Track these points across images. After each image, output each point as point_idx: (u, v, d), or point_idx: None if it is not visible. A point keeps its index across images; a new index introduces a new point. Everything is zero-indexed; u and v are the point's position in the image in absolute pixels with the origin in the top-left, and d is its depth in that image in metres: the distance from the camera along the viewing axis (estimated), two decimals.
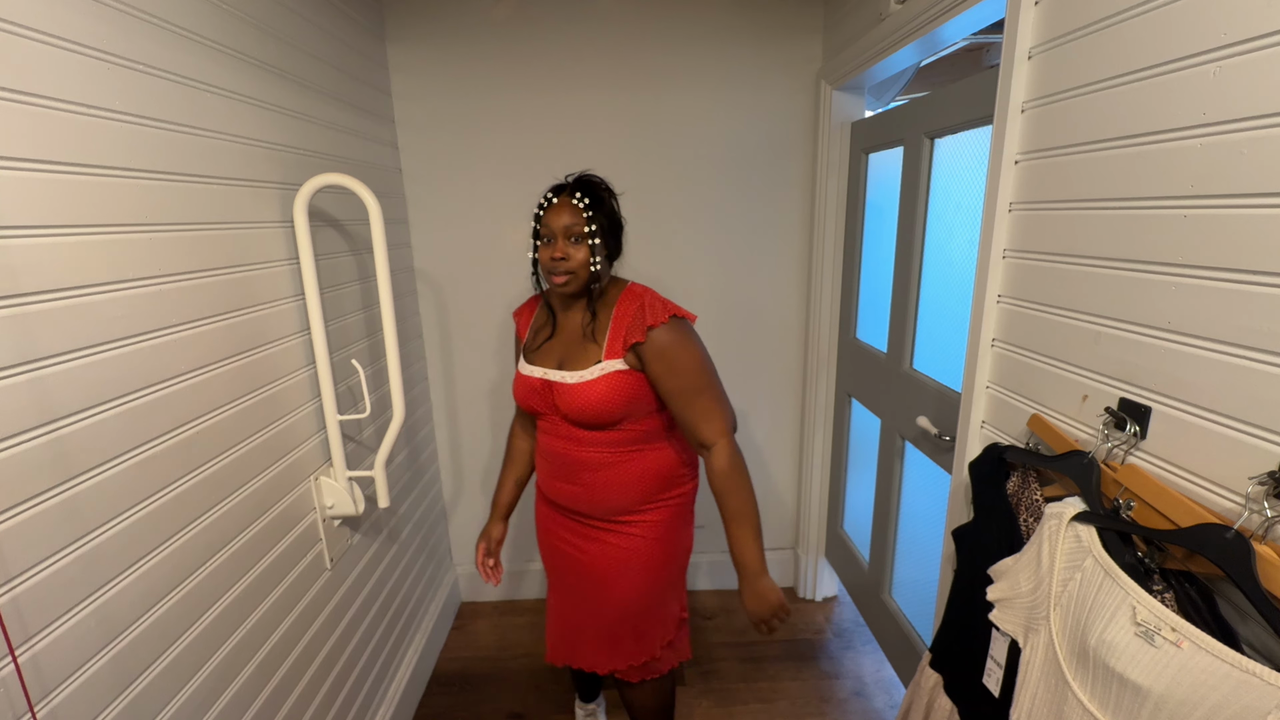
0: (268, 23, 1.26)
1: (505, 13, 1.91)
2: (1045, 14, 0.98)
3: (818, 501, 2.30)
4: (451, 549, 2.40)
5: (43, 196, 0.76)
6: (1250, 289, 0.68)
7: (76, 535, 0.79)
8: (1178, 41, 0.75)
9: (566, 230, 1.18)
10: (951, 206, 1.49)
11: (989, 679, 0.97)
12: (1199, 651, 0.64)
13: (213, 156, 1.07)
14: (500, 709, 1.90)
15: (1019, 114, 1.05)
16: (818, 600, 2.37)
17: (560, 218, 1.19)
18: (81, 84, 0.81)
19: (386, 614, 1.75)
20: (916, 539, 1.73)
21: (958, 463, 1.24)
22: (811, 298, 2.14)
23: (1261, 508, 0.66)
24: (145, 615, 0.89)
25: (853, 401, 2.07)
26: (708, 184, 2.05)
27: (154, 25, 0.95)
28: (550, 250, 1.20)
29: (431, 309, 2.14)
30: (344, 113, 1.60)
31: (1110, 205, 0.87)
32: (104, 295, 0.84)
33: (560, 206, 1.19)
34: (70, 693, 0.77)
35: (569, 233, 1.19)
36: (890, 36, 1.51)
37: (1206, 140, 0.72)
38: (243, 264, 1.14)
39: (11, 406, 0.71)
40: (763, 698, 1.91)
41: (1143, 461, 0.83)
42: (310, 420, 1.35)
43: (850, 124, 1.93)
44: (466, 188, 2.04)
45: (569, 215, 1.18)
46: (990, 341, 1.15)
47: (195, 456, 1.00)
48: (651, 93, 1.99)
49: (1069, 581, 0.81)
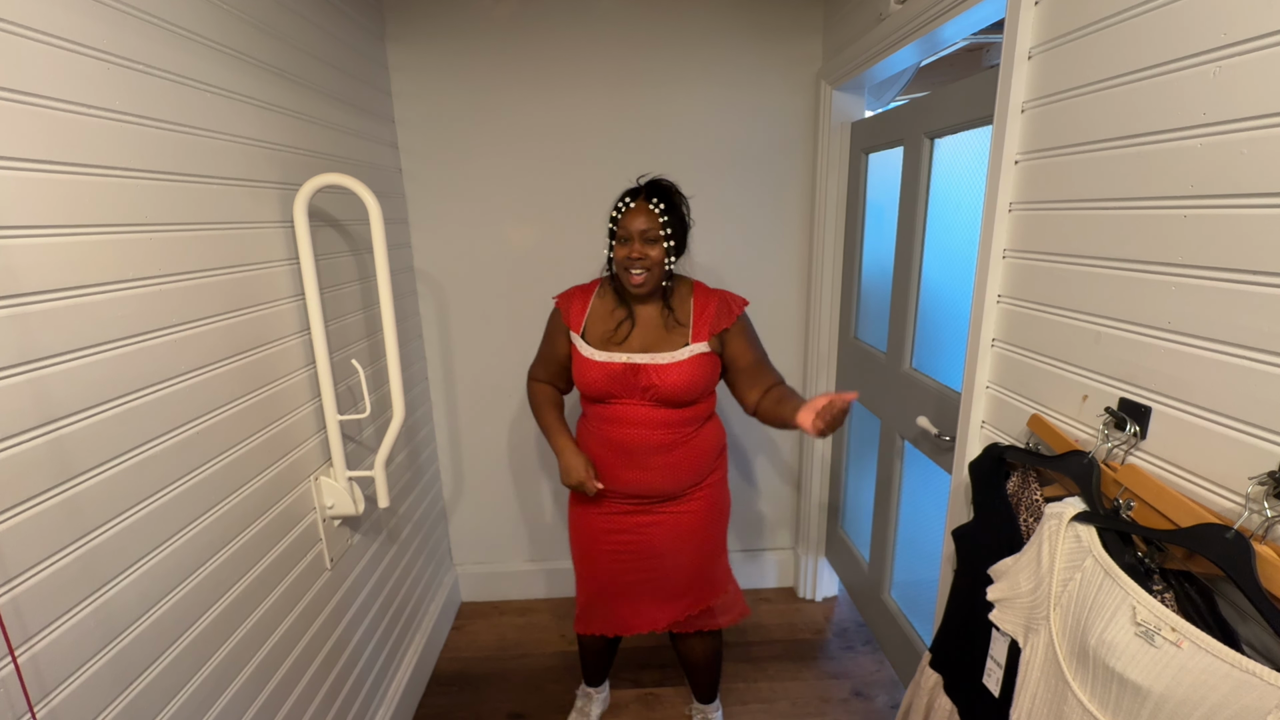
0: (268, 23, 1.26)
1: (505, 13, 1.91)
2: (1045, 14, 0.98)
3: (818, 501, 2.30)
4: (451, 549, 2.40)
5: (43, 196, 0.76)
6: (1250, 289, 0.68)
7: (76, 535, 0.79)
8: (1178, 41, 0.75)
9: (643, 233, 1.30)
10: (951, 206, 1.49)
11: (989, 679, 0.97)
12: (1199, 651, 0.64)
13: (213, 156, 1.07)
14: (500, 709, 1.90)
15: (1019, 114, 1.05)
16: (818, 600, 2.37)
17: (637, 221, 1.30)
18: (81, 84, 0.81)
19: (386, 614, 1.75)
20: (916, 539, 1.73)
21: (958, 463, 1.24)
22: (811, 298, 2.14)
23: (1261, 508, 0.66)
24: (145, 615, 0.89)
25: (853, 401, 2.07)
26: (708, 184, 2.05)
27: (154, 25, 0.94)
28: (627, 250, 1.32)
29: (431, 309, 2.14)
30: (344, 113, 1.60)
31: (1110, 205, 0.87)
32: (104, 295, 0.84)
33: (637, 210, 1.30)
34: (70, 693, 0.77)
35: (645, 235, 1.30)
36: (890, 36, 1.51)
37: (1206, 140, 0.72)
38: (243, 264, 1.14)
39: (11, 406, 0.71)
40: (763, 698, 1.91)
41: (1143, 461, 0.83)
42: (310, 420, 1.35)
43: (850, 124, 1.93)
44: (466, 188, 2.04)
45: (645, 219, 1.30)
46: (990, 341, 1.15)
47: (195, 456, 1.00)
48: (651, 92, 1.99)
49: (1069, 581, 0.81)
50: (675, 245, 1.33)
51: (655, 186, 1.34)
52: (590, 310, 1.43)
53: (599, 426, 1.43)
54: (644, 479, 1.41)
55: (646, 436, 1.38)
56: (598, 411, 1.43)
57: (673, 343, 1.37)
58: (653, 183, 1.35)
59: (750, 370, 1.42)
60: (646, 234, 1.30)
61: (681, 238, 1.36)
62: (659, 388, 1.34)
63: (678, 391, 1.34)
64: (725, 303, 1.40)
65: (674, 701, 1.91)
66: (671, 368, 1.34)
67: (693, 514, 1.46)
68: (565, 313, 1.45)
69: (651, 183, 1.35)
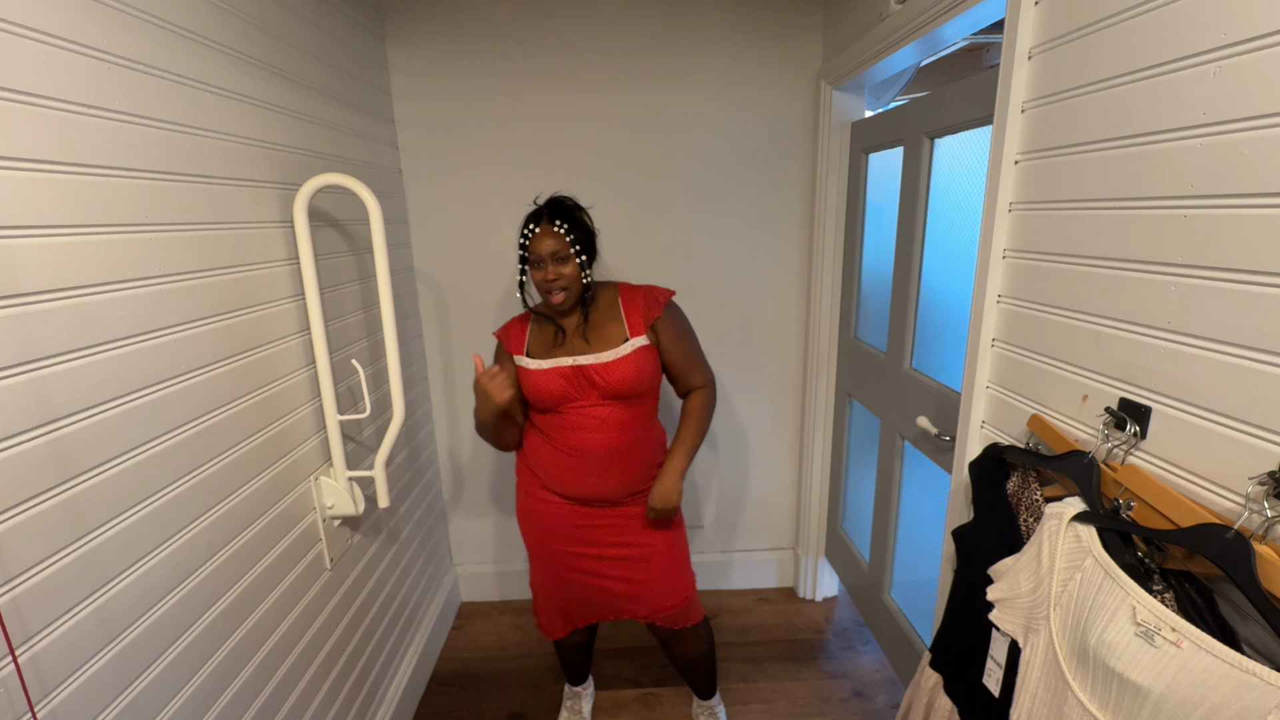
0: (268, 23, 1.26)
1: (505, 13, 1.91)
2: (1045, 14, 0.98)
3: (818, 501, 2.30)
4: (451, 549, 2.40)
5: (43, 196, 0.76)
6: (1250, 289, 0.68)
7: (76, 535, 0.79)
8: (1178, 41, 0.75)
9: (554, 254, 1.33)
10: (951, 206, 1.49)
11: (989, 679, 0.97)
12: (1199, 651, 0.64)
13: (213, 156, 1.07)
14: (500, 709, 1.90)
15: (1019, 114, 1.05)
16: (818, 600, 2.37)
17: (545, 244, 1.32)
18: (81, 84, 0.81)
19: (386, 614, 1.75)
20: (916, 539, 1.73)
21: (958, 463, 1.24)
22: (811, 298, 2.14)
23: (1261, 508, 0.66)
24: (145, 615, 0.89)
25: (853, 401, 2.07)
26: (708, 184, 2.05)
27: (154, 25, 0.95)
28: (542, 273, 1.34)
29: (431, 309, 2.14)
30: (344, 113, 1.60)
31: (1110, 205, 0.87)
32: (104, 295, 0.84)
33: (543, 234, 1.33)
34: (70, 693, 0.77)
35: (556, 256, 1.33)
36: (890, 36, 1.51)
37: (1206, 140, 0.72)
38: (243, 264, 1.14)
39: (11, 406, 0.71)
40: (763, 698, 1.91)
41: (1143, 461, 0.83)
42: (310, 420, 1.35)
43: (850, 124, 1.93)
44: (466, 188, 2.04)
45: (552, 241, 1.32)
46: (990, 341, 1.15)
47: (195, 457, 1.00)
48: (651, 92, 1.99)
49: (1069, 581, 0.81)
50: (586, 258, 1.37)
51: (557, 207, 1.35)
52: (529, 335, 1.47)
53: (559, 435, 1.42)
54: (604, 483, 1.43)
55: (605, 439, 1.39)
56: (554, 422, 1.42)
57: (612, 340, 1.40)
58: (552, 202, 1.37)
59: (678, 364, 1.46)
60: (557, 254, 1.33)
61: (591, 248, 1.39)
62: (605, 384, 1.37)
63: (625, 385, 1.37)
64: (650, 294, 1.44)
65: (674, 701, 1.91)
66: (616, 363, 1.37)
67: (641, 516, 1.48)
68: (507, 341, 1.48)
69: (551, 203, 1.37)
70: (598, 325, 1.42)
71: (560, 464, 1.44)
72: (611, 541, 1.48)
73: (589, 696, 1.87)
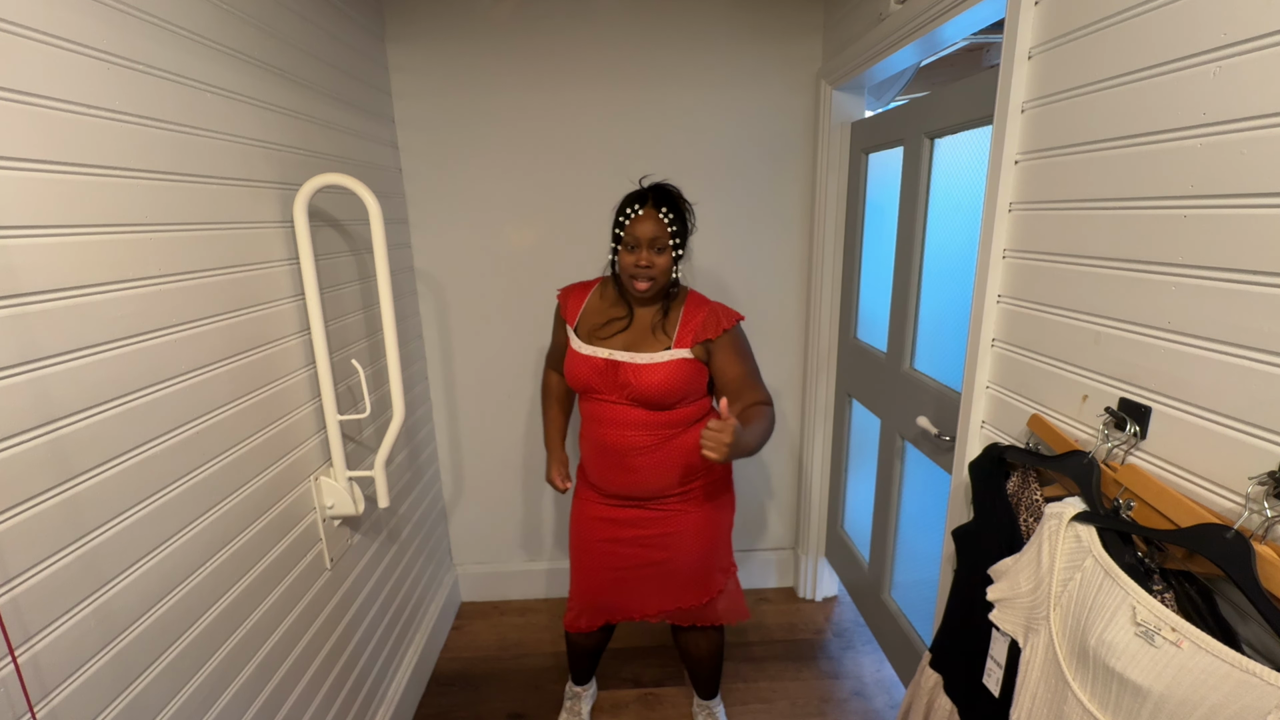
0: (268, 23, 1.26)
1: (505, 12, 1.91)
2: (1045, 14, 0.98)
3: (818, 501, 2.30)
4: (451, 549, 2.40)
5: (43, 196, 0.76)
6: (1250, 289, 0.68)
7: (76, 535, 0.79)
8: (1178, 41, 0.75)
9: (652, 241, 1.29)
10: (951, 206, 1.49)
11: (989, 679, 0.97)
12: (1199, 651, 0.64)
13: (213, 156, 1.07)
14: (500, 709, 1.90)
15: (1019, 114, 1.05)
16: (818, 600, 2.37)
17: (645, 228, 1.29)
18: (81, 84, 0.81)
19: (386, 614, 1.75)
20: (916, 539, 1.73)
21: (958, 463, 1.24)
22: (811, 298, 2.14)
23: (1261, 508, 0.66)
24: (145, 615, 0.89)
25: (853, 401, 2.07)
26: (707, 183, 2.05)
27: (154, 25, 0.94)
28: (635, 257, 1.31)
29: (431, 309, 2.14)
30: (344, 113, 1.60)
31: (1110, 205, 0.87)
32: (104, 295, 0.84)
33: (645, 218, 1.29)
34: (70, 693, 0.77)
35: (654, 244, 1.30)
36: (890, 36, 1.51)
37: (1206, 140, 0.72)
38: (243, 264, 1.14)
39: (11, 406, 0.71)
40: (763, 698, 1.91)
41: (1143, 461, 0.83)
42: (310, 420, 1.35)
43: (850, 124, 1.93)
44: (466, 188, 2.04)
45: (654, 227, 1.29)
46: (990, 341, 1.15)
47: (195, 456, 1.00)
48: (651, 92, 1.99)
49: (1069, 581, 0.81)
50: (682, 253, 1.34)
51: (663, 194, 1.33)
52: (586, 305, 1.46)
53: (589, 428, 1.46)
54: (629, 480, 1.43)
55: (627, 437, 1.39)
56: (587, 410, 1.46)
57: (655, 345, 1.38)
58: (659, 189, 1.34)
59: (732, 385, 1.41)
60: (655, 242, 1.30)
61: (686, 244, 1.36)
62: (635, 386, 1.35)
63: (653, 393, 1.35)
64: (715, 314, 1.39)
65: (674, 701, 1.91)
66: (648, 369, 1.35)
67: (686, 513, 1.48)
68: (563, 306, 1.50)
69: (657, 188, 1.34)
70: (650, 326, 1.39)
71: (591, 457, 1.48)
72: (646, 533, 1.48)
73: (589, 698, 1.87)
